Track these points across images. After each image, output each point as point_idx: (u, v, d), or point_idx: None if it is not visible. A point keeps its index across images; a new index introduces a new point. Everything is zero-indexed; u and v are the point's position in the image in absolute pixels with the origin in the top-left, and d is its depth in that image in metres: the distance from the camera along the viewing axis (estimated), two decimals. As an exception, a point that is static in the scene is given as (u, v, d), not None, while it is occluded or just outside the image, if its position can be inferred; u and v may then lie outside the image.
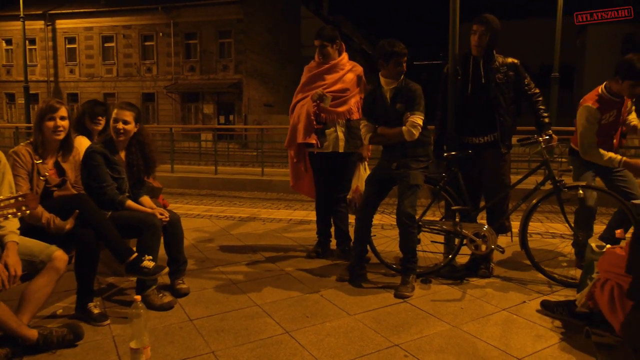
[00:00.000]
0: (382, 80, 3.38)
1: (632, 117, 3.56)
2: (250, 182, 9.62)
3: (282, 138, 4.22)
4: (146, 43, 28.73)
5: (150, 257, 2.81)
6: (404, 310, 2.95)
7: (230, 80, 27.16)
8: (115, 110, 3.10)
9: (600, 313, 2.57)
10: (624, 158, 3.33)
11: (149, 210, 3.11)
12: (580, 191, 3.22)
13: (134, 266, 2.78)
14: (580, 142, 3.42)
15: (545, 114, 3.43)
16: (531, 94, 3.45)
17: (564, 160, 10.77)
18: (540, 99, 3.46)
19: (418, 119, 3.23)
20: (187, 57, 28.14)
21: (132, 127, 3.11)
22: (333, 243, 4.11)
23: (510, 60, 3.44)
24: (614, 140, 3.54)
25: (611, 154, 3.34)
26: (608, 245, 2.74)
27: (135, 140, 3.18)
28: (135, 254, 2.81)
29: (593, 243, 2.86)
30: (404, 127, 3.24)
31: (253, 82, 28.11)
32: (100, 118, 3.60)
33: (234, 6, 26.38)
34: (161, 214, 3.08)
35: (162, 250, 3.10)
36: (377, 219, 4.14)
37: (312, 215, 4.18)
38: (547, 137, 3.30)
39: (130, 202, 3.08)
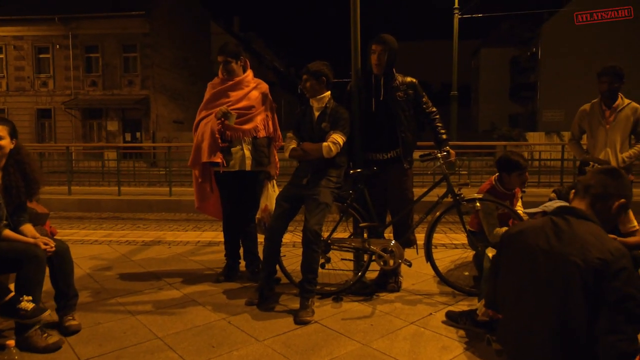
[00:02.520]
0: (311, 99, 3.48)
1: (519, 205, 3.75)
2: (157, 203, 9.12)
3: (191, 156, 3.99)
4: (41, 55, 26.61)
5: (30, 298, 2.49)
6: (315, 332, 2.88)
7: (137, 96, 25.91)
8: (-17, 126, 2.75)
9: (499, 320, 2.69)
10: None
11: (31, 240, 2.76)
12: (478, 204, 3.38)
13: (10, 308, 2.44)
14: (486, 232, 3.54)
15: (443, 131, 3.58)
16: (429, 112, 3.61)
17: (463, 172, 11.54)
18: (437, 116, 3.62)
19: (339, 138, 3.32)
20: (88, 72, 26.44)
21: (7, 143, 2.77)
22: (243, 265, 3.97)
23: (409, 79, 3.57)
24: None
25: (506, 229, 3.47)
26: (503, 255, 2.88)
27: (13, 159, 2.83)
28: (12, 294, 2.47)
29: (489, 252, 3.00)
30: (324, 143, 3.29)
31: (161, 98, 27.07)
32: None
33: (140, 19, 25.33)
34: (45, 244, 2.75)
35: (49, 284, 2.77)
36: (287, 238, 4.08)
37: (222, 237, 4.01)
38: (445, 152, 3.45)
39: (7, 232, 2.72)
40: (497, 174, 3.67)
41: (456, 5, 17.34)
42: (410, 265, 3.50)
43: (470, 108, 48.76)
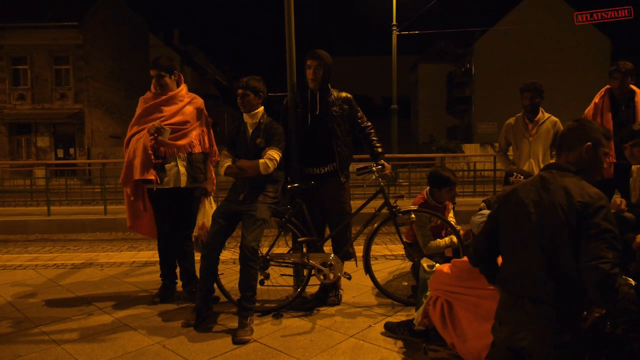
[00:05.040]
0: (244, 115, 3.44)
1: (451, 216, 3.88)
2: (91, 222, 8.67)
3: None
4: (-39, 67, 24.81)
5: None
6: (254, 351, 2.82)
7: (70, 110, 24.66)
8: None
9: (435, 329, 2.75)
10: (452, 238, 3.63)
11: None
12: (413, 215, 3.47)
13: None
14: (420, 243, 3.64)
15: (378, 145, 3.66)
16: (364, 126, 3.67)
17: (404, 183, 11.84)
18: (372, 131, 3.69)
19: (275, 154, 3.30)
20: (15, 84, 24.87)
21: None
22: (180, 285, 3.84)
23: (344, 94, 3.62)
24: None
25: (439, 241, 3.61)
26: (437, 265, 2.96)
27: None
28: None
29: (425, 263, 3.08)
30: (260, 160, 3.26)
31: (97, 112, 25.94)
32: None
33: (72, 30, 24.21)
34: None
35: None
36: (227, 255, 4.00)
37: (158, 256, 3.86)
38: (380, 166, 3.52)
39: None
40: (428, 187, 3.78)
41: (394, 22, 17.91)
42: (350, 278, 3.52)
43: (410, 121, 50.39)
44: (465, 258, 2.62)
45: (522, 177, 3.19)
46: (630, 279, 2.66)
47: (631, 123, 3.39)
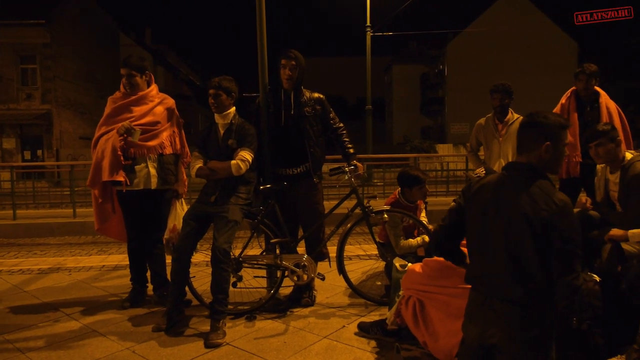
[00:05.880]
0: (215, 115, 3.40)
1: (423, 215, 3.89)
2: (59, 226, 8.43)
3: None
4: None
5: None
6: (226, 355, 2.78)
7: (37, 111, 23.92)
8: None
9: (407, 328, 2.77)
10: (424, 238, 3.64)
11: None
12: (385, 215, 3.48)
13: None
14: (393, 243, 3.66)
15: (350, 145, 3.66)
16: (336, 127, 3.68)
17: (379, 183, 11.91)
18: (345, 132, 3.70)
19: (247, 155, 3.27)
20: (-22, 84, 24.05)
21: None
22: (151, 289, 3.76)
23: (316, 95, 3.61)
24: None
25: (411, 241, 3.64)
26: (410, 264, 2.98)
27: None
28: None
29: (397, 263, 3.10)
30: (232, 161, 3.23)
31: (66, 113, 25.26)
32: None
33: (39, 29, 23.49)
34: None
35: None
36: (200, 257, 3.95)
37: (128, 260, 3.78)
38: (353, 166, 3.53)
39: None
40: (399, 188, 3.81)
41: (368, 23, 18.01)
42: (323, 279, 3.52)
43: (385, 121, 50.78)
44: (436, 257, 2.64)
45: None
46: (595, 276, 2.73)
47: (596, 123, 3.49)
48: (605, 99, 4.03)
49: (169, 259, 3.57)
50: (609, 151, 3.14)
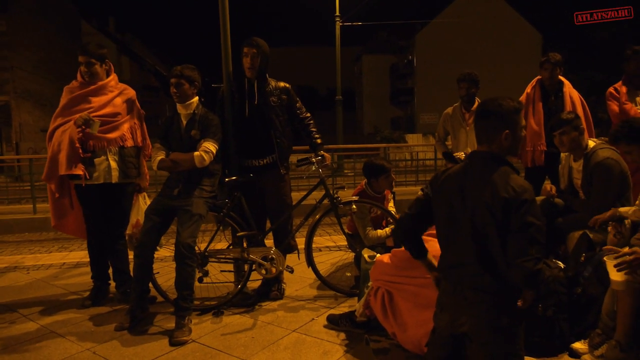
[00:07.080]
0: (178, 105, 3.29)
1: (391, 205, 3.87)
2: (18, 223, 8.09)
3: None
4: None
5: None
6: (192, 352, 2.70)
7: (-6, 102, 22.96)
8: None
9: (377, 319, 2.76)
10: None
11: None
12: (354, 206, 3.45)
13: None
14: (361, 234, 3.61)
15: (317, 136, 3.60)
16: (303, 117, 3.61)
17: (350, 174, 11.93)
18: (312, 122, 3.63)
19: (211, 146, 3.17)
20: None
21: None
22: (113, 286, 3.64)
23: (282, 84, 3.53)
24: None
25: (379, 231, 3.60)
26: (378, 255, 2.96)
27: None
28: None
29: (366, 254, 3.07)
30: (195, 153, 3.12)
31: (25, 104, 24.27)
32: None
33: (-6, 17, 22.50)
34: None
35: None
36: (165, 253, 3.84)
37: (90, 256, 3.63)
38: (320, 157, 3.47)
39: None
40: (364, 181, 3.78)
41: (337, 13, 17.90)
42: (292, 272, 3.46)
43: (356, 112, 50.91)
44: (404, 248, 2.63)
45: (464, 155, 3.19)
46: (560, 262, 2.76)
47: (560, 112, 3.53)
48: (569, 88, 4.09)
49: (131, 255, 3.46)
50: (573, 139, 3.18)
